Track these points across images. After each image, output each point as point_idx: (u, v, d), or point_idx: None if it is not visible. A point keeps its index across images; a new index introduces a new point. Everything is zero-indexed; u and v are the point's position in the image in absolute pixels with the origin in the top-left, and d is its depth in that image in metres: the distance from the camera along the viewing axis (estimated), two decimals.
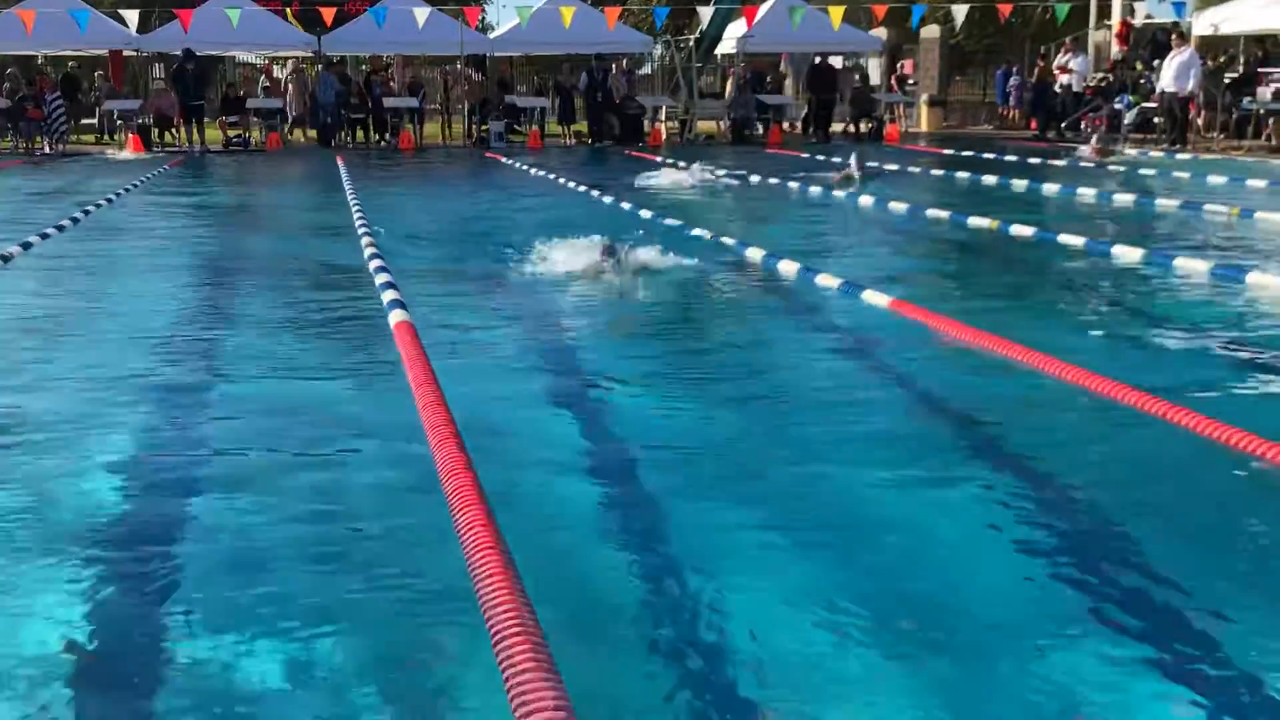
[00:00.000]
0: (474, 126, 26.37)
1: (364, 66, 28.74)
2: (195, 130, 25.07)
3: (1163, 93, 22.06)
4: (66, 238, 11.11)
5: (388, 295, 7.27)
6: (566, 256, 8.50)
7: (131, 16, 24.91)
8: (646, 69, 30.78)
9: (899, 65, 30.77)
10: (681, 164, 16.59)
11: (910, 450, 4.51)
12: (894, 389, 5.68)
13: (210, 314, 7.67)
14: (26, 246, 10.09)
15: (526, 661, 2.48)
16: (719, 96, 28.52)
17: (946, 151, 21.85)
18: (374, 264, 8.64)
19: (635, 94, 26.91)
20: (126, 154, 23.35)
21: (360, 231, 10.58)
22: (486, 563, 2.99)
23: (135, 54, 27.10)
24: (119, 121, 25.39)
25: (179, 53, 24.90)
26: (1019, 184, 15.25)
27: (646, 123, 26.89)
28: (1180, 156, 19.91)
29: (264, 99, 25.83)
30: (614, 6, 26.81)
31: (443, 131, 27.14)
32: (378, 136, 25.93)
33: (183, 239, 11.71)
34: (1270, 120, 21.80)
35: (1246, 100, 22.59)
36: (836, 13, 25.36)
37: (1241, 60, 24.67)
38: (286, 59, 28.33)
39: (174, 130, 25.50)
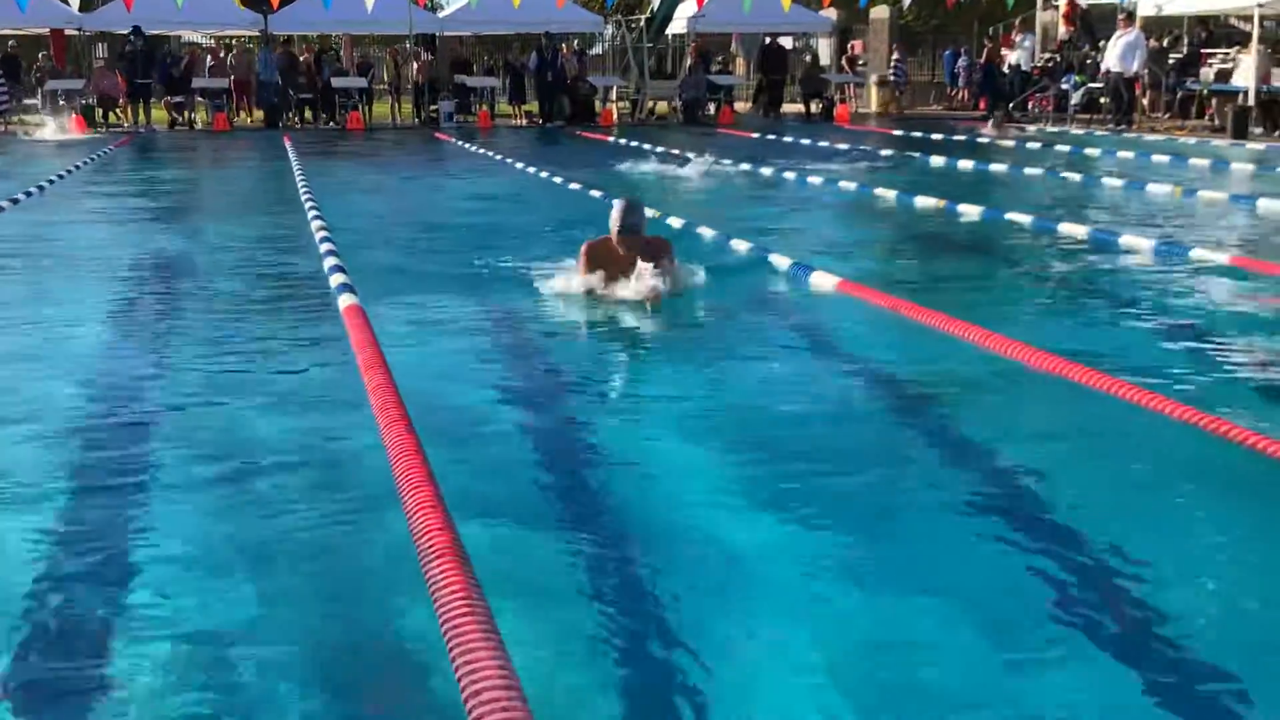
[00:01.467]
0: (424, 106, 26.14)
1: (313, 44, 28.44)
2: (141, 110, 24.70)
3: (1108, 73, 22.27)
4: (10, 219, 10.94)
5: (336, 278, 7.21)
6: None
7: None
8: (598, 49, 30.67)
9: (849, 46, 30.83)
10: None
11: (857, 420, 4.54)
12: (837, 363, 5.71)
13: (150, 309, 7.57)
14: None
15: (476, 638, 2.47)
16: (670, 76, 28.47)
17: (896, 132, 21.95)
18: (324, 247, 8.57)
19: (586, 74, 26.80)
20: (72, 134, 22.94)
21: (315, 226, 10.43)
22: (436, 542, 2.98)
23: (78, 33, 26.66)
24: (61, 101, 24.97)
25: (124, 32, 24.51)
26: (966, 164, 15.37)
27: (598, 103, 26.79)
28: (1126, 135, 20.12)
29: (210, 79, 25.47)
30: None
31: (392, 112, 26.89)
32: (325, 117, 25.61)
33: (129, 225, 11.53)
34: (1213, 100, 22.05)
35: (1190, 80, 22.84)
36: None
37: (1185, 41, 24.92)
38: (233, 38, 27.93)
39: (118, 110, 25.11)
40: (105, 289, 7.60)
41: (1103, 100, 23.07)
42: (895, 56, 29.00)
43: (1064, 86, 24.18)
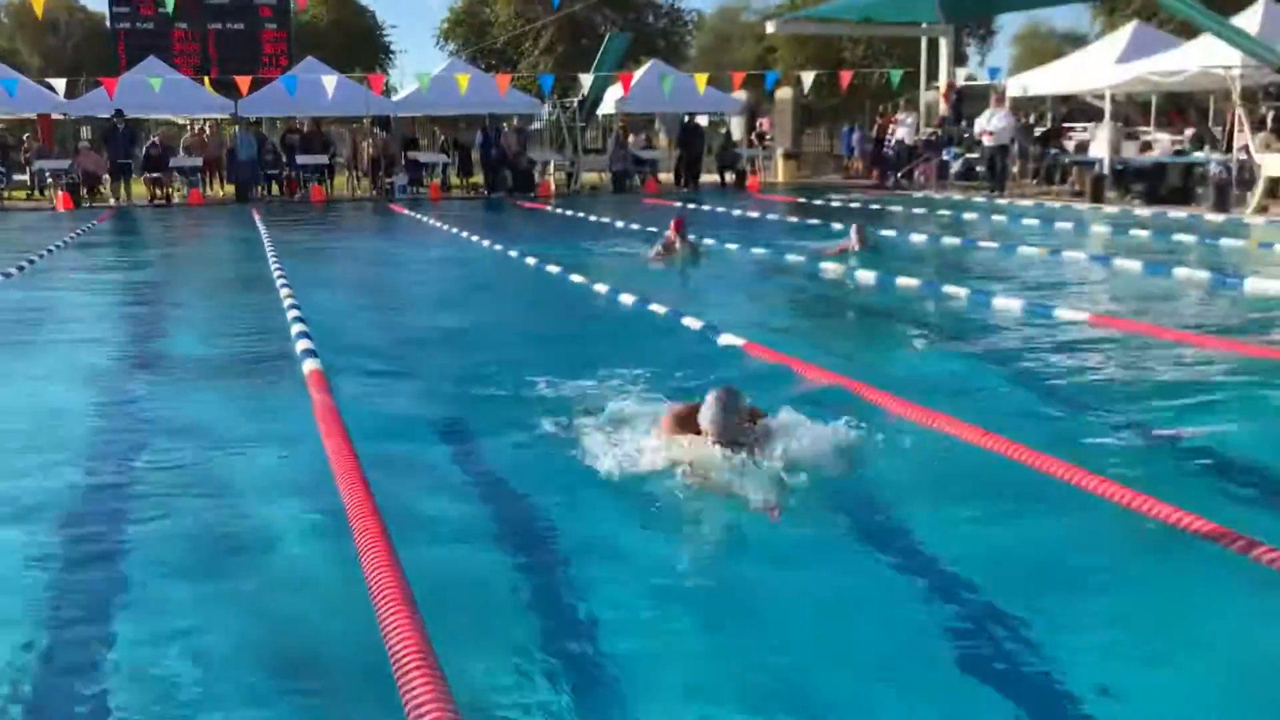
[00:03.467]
0: (379, 180, 26.06)
1: (278, 125, 28.25)
2: (123, 187, 24.39)
3: (983, 145, 22.80)
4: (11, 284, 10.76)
5: (301, 345, 7.17)
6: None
7: (59, 84, 24.27)
8: (536, 125, 30.76)
9: (758, 123, 31.30)
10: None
11: None
12: None
13: (128, 366, 7.48)
14: None
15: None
16: (601, 151, 28.66)
17: (800, 200, 22.26)
18: (291, 313, 8.52)
19: (526, 150, 26.89)
20: (59, 210, 22.53)
21: (279, 285, 10.36)
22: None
23: (63, 117, 26.28)
24: (49, 179, 24.56)
25: (106, 115, 24.19)
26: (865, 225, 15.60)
27: (537, 175, 26.88)
28: (999, 200, 20.57)
29: (185, 157, 25.22)
30: (504, 74, 26.83)
31: (350, 185, 26.76)
32: (290, 191, 25.44)
33: (114, 290, 11.38)
34: (1074, 168, 22.62)
35: (1053, 151, 23.47)
36: (701, 79, 25.84)
37: (1049, 117, 25.60)
38: (205, 121, 27.64)
39: (100, 188, 24.77)
40: (90, 354, 7.51)
41: (979, 169, 23.60)
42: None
43: (945, 158, 24.71)
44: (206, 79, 25.63)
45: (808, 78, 26.05)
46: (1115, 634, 3.23)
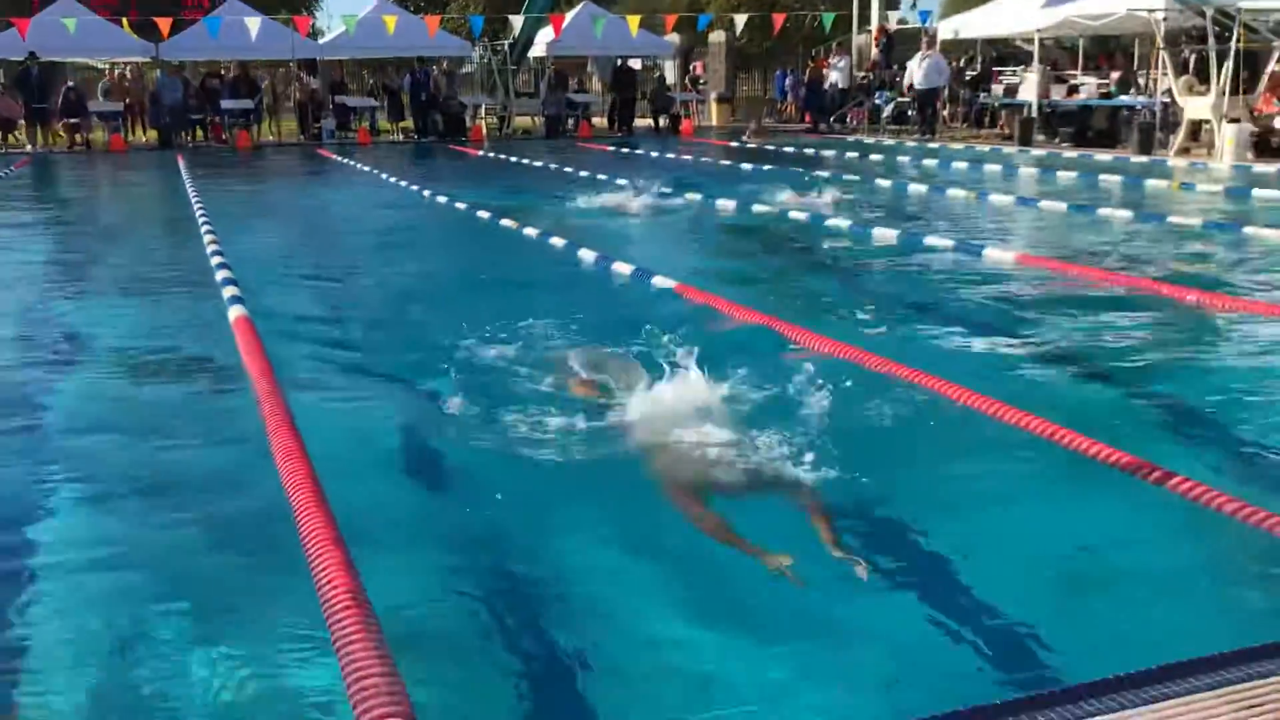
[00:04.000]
0: (307, 125, 25.55)
1: (201, 70, 27.50)
2: (39, 133, 23.65)
3: (914, 89, 22.90)
4: None
5: (229, 291, 7.05)
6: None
7: None
8: (467, 69, 30.30)
9: (691, 67, 31.11)
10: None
11: None
12: None
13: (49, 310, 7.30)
14: None
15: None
16: (533, 95, 28.34)
17: (735, 144, 22.22)
18: (215, 259, 8.35)
19: (457, 93, 26.50)
20: None
21: (205, 235, 10.13)
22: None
23: None
24: None
25: (19, 59, 23.37)
26: (798, 171, 15.65)
27: (468, 119, 26.53)
28: (930, 144, 20.73)
29: (105, 102, 24.49)
30: (434, 15, 26.33)
31: (278, 129, 26.21)
32: (214, 136, 24.86)
33: (31, 237, 11.06)
34: (1003, 112, 22.83)
35: (983, 95, 23.66)
36: (634, 21, 25.56)
37: (979, 61, 25.75)
38: (126, 64, 26.79)
39: (15, 134, 23.99)
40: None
41: (910, 113, 23.72)
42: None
43: (877, 101, 24.80)
44: (125, 20, 24.81)
45: (740, 20, 25.91)
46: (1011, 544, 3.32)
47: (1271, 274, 7.82)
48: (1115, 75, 20.65)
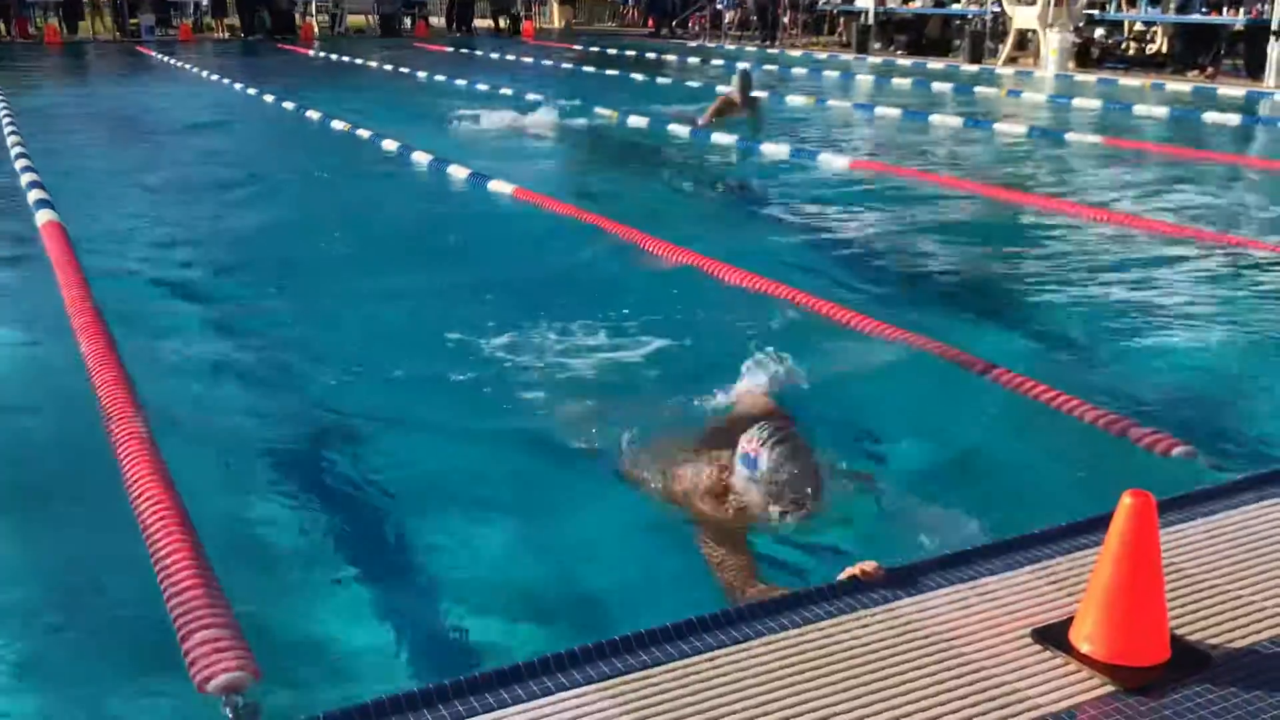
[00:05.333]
0: (123, 21, 24.02)
1: None
2: None
3: None
4: None
5: (34, 195, 6.61)
6: None
7: None
8: None
9: None
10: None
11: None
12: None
13: None
14: None
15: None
16: None
17: (577, 47, 21.87)
18: (20, 163, 7.82)
19: None
20: None
21: (9, 135, 9.45)
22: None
23: None
24: None
25: None
26: (639, 77, 15.52)
27: (298, 17, 25.36)
28: (770, 50, 20.79)
29: None
30: None
31: (92, 25, 24.53)
32: (20, 31, 23.10)
33: None
34: (841, 19, 23.02)
35: (822, 2, 23.77)
36: None
37: None
38: None
39: None
40: None
41: (752, 19, 23.71)
42: None
43: (719, 6, 24.70)
44: None
45: None
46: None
47: (1086, 177, 8.17)
48: None
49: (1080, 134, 9.88)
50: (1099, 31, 18.10)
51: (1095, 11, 17.69)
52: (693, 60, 18.71)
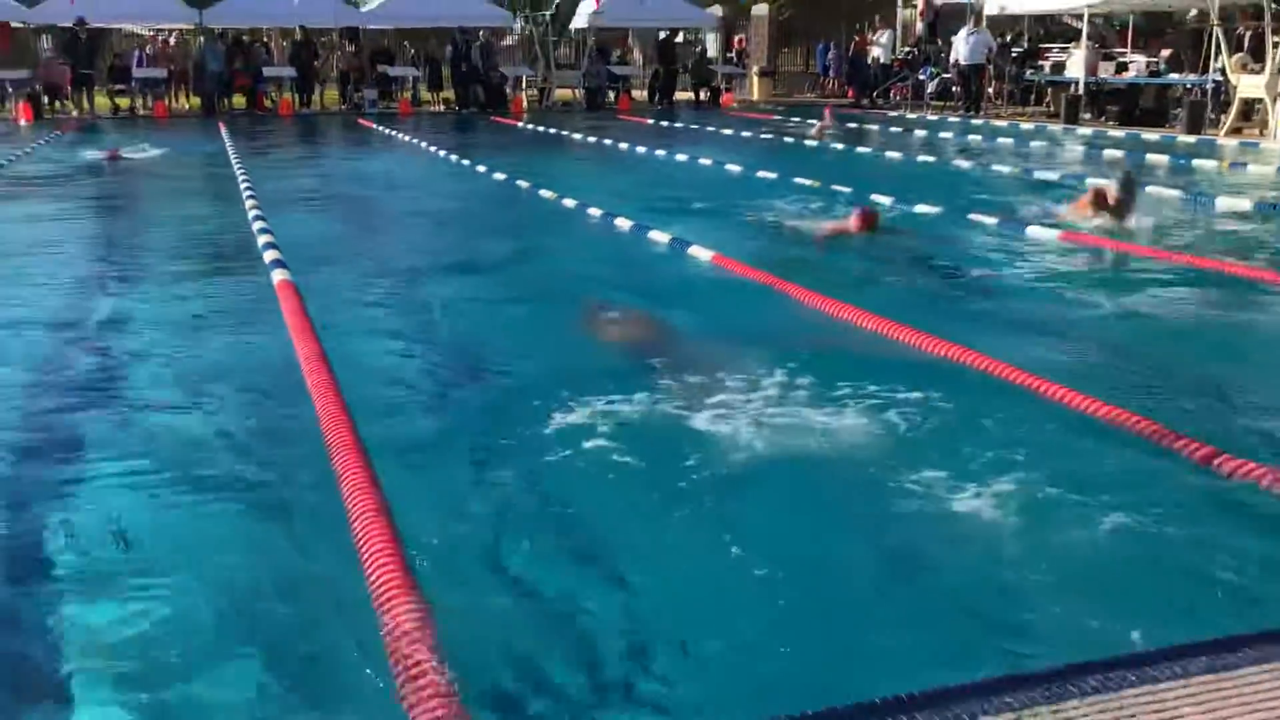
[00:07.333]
0: (348, 94, 25.62)
1: (244, 38, 27.62)
2: (85, 98, 23.86)
3: (959, 65, 22.61)
4: None
5: (270, 256, 7.09)
6: None
7: None
8: (508, 40, 30.27)
9: (734, 40, 30.91)
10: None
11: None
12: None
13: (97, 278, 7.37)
14: None
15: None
16: (574, 67, 28.25)
17: (775, 117, 22.05)
18: (257, 225, 8.40)
19: (498, 64, 26.46)
20: (20, 121, 22.01)
21: (247, 199, 10.17)
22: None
23: (22, 25, 25.56)
24: (9, 90, 23.95)
25: (67, 24, 23.55)
26: (839, 148, 15.52)
27: (509, 90, 26.50)
28: (974, 121, 20.46)
29: (148, 69, 24.64)
30: None
31: (321, 99, 26.24)
32: (257, 104, 24.94)
33: (77, 204, 11.17)
34: (1049, 89, 22.52)
35: (1029, 72, 23.31)
36: None
37: (1026, 37, 25.38)
38: (170, 31, 26.96)
39: (63, 100, 24.21)
40: (56, 268, 7.39)
41: (954, 89, 23.43)
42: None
43: (921, 77, 24.51)
44: None
45: None
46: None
47: None
48: (1165, 53, 20.28)
49: None
50: None
51: None
52: (894, 130, 18.60)
